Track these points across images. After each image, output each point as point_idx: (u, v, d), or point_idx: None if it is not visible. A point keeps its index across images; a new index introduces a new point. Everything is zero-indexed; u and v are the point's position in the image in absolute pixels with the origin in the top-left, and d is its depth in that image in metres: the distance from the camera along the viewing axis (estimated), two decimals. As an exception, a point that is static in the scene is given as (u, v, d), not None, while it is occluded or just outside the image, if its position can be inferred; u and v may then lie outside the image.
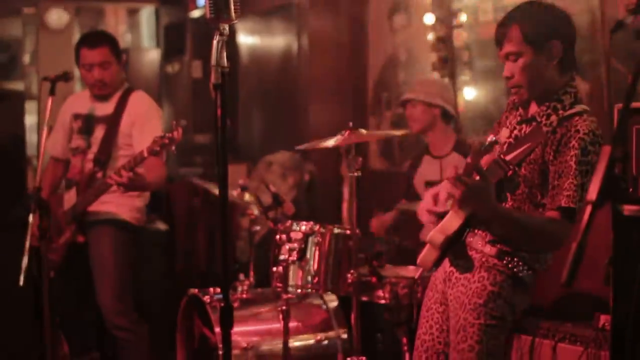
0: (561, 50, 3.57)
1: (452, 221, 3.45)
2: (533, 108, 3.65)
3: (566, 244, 3.33)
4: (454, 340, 3.63)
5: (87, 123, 5.68)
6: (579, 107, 3.57)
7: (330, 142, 4.78)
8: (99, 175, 5.48)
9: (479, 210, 3.38)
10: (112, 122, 5.59)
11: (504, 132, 3.69)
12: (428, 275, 4.04)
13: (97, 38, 5.73)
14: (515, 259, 3.57)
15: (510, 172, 3.47)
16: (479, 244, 3.62)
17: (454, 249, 3.48)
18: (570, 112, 3.54)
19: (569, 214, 3.40)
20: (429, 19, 6.84)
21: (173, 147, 4.93)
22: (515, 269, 3.59)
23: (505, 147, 3.61)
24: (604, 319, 3.70)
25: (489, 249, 3.60)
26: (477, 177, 3.34)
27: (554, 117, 3.54)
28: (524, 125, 3.65)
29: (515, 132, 3.66)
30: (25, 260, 4.98)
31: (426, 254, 3.52)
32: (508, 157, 3.47)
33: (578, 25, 5.50)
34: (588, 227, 2.20)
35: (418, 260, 3.57)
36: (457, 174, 3.32)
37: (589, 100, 5.50)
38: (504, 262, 3.58)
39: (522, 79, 3.57)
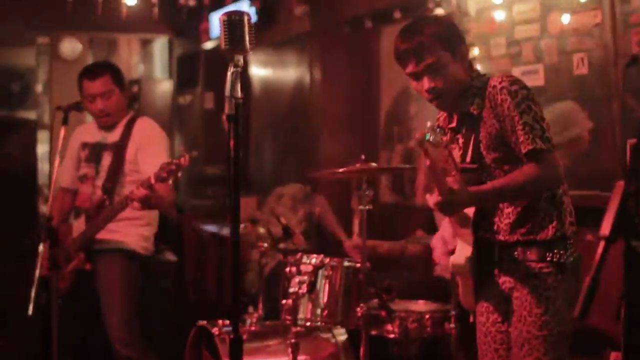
0: (465, 48, 3.65)
1: (463, 243, 3.51)
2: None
3: (561, 173, 3.44)
4: (518, 354, 3.58)
5: (94, 151, 5.69)
6: (485, 76, 3.63)
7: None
8: (107, 202, 5.48)
9: (464, 208, 3.51)
10: (119, 149, 5.60)
11: (457, 152, 3.70)
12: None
13: (97, 69, 5.73)
14: (555, 251, 3.53)
15: (476, 165, 3.56)
16: (519, 256, 3.59)
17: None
18: (481, 82, 3.58)
19: (535, 156, 3.40)
20: (442, 52, 6.84)
21: (180, 174, 4.93)
22: (560, 259, 3.54)
23: (460, 156, 3.64)
24: (614, 356, 3.68)
25: (529, 255, 3.56)
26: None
27: (476, 99, 3.56)
28: (462, 127, 3.66)
29: (461, 140, 3.67)
30: (34, 290, 4.98)
31: (463, 294, 3.61)
32: (468, 160, 3.58)
33: (591, 61, 5.54)
34: (601, 262, 2.20)
35: (463, 304, 3.69)
36: (433, 205, 3.42)
37: (598, 135, 5.51)
38: (547, 260, 3.53)
39: (446, 85, 3.59)
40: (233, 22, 3.08)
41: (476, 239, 3.60)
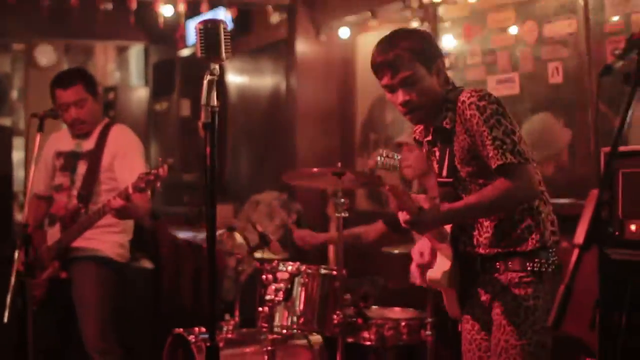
0: (442, 63, 3.64)
1: (442, 257, 3.54)
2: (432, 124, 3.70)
3: (535, 185, 3.42)
4: None
5: (69, 160, 5.66)
6: (459, 89, 3.62)
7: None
8: (82, 211, 5.46)
9: (434, 227, 3.55)
10: (94, 157, 5.57)
11: (434, 165, 3.72)
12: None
13: (69, 77, 5.66)
14: (536, 260, 3.54)
15: (452, 179, 3.57)
16: (501, 267, 3.60)
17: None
18: (455, 96, 3.57)
19: (504, 170, 3.40)
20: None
21: (158, 184, 4.92)
22: (541, 269, 3.55)
23: (437, 170, 3.66)
24: (589, 363, 3.69)
25: (510, 265, 3.57)
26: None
27: (450, 114, 3.57)
28: (437, 141, 3.68)
29: (437, 154, 3.69)
30: (9, 297, 4.95)
31: (448, 304, 3.64)
32: (444, 174, 3.59)
33: (566, 70, 5.58)
34: (575, 270, 2.21)
35: (449, 314, 3.70)
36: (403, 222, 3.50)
37: (573, 144, 5.54)
38: (528, 269, 3.54)
39: (421, 99, 3.58)
40: (209, 31, 3.08)
41: (457, 252, 3.62)
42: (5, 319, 4.95)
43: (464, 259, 3.63)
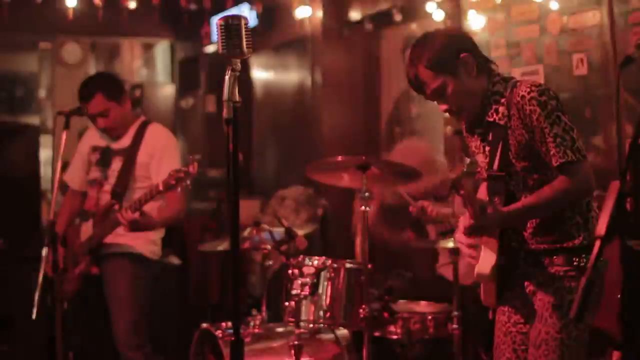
0: (472, 58, 3.59)
1: (488, 251, 3.52)
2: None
3: (591, 183, 3.41)
4: (534, 354, 3.58)
5: (104, 155, 5.69)
6: (510, 82, 3.60)
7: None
8: (116, 207, 5.47)
9: (495, 230, 3.51)
10: (129, 154, 5.58)
11: (480, 157, 3.70)
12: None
13: (87, 90, 5.58)
14: (582, 255, 3.52)
15: (504, 173, 3.54)
16: (546, 262, 3.59)
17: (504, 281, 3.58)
18: (504, 88, 3.57)
19: (566, 169, 3.39)
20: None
21: (188, 182, 4.94)
22: (587, 264, 3.52)
23: (487, 164, 3.64)
24: (617, 355, 3.67)
25: (555, 260, 3.56)
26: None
27: (501, 108, 3.55)
28: (489, 136, 3.66)
29: (487, 148, 3.67)
30: (37, 294, 4.99)
31: (485, 293, 3.62)
32: (495, 168, 3.55)
33: (591, 61, 5.56)
34: (597, 262, 2.20)
35: (483, 302, 3.66)
36: (464, 228, 3.51)
37: (600, 133, 5.52)
38: (574, 264, 3.53)
39: (458, 103, 3.59)
40: (229, 27, 3.09)
41: (502, 247, 3.60)
42: (34, 316, 4.98)
43: (509, 253, 3.62)
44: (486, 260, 3.58)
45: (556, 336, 3.49)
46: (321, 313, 4.94)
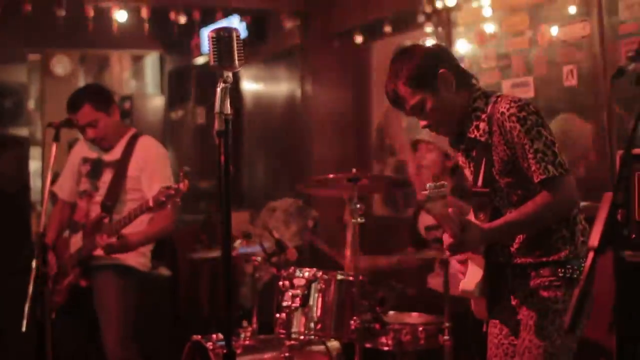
0: (451, 73, 3.59)
1: (474, 267, 3.53)
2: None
3: (574, 197, 3.43)
4: None
5: (95, 167, 5.68)
6: (491, 98, 3.59)
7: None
8: (106, 220, 5.47)
9: (477, 247, 3.51)
10: (120, 167, 5.58)
11: (467, 172, 3.72)
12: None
13: (75, 101, 5.60)
14: (568, 266, 3.53)
15: (488, 189, 3.54)
16: (532, 274, 3.60)
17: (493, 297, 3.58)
18: (485, 103, 3.57)
19: (548, 184, 3.40)
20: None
21: (178, 199, 4.94)
22: (572, 275, 3.53)
23: (472, 180, 3.64)
24: (609, 368, 3.67)
25: (541, 272, 3.57)
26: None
27: (482, 124, 3.55)
28: (473, 152, 3.66)
29: (472, 164, 3.67)
30: (27, 306, 4.98)
31: (476, 307, 3.65)
32: (480, 184, 3.56)
33: (581, 72, 5.57)
34: (590, 274, 2.20)
35: (475, 315, 3.68)
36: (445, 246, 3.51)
37: (592, 144, 5.53)
38: (559, 275, 3.53)
39: (437, 119, 3.60)
40: (221, 39, 3.09)
41: (488, 263, 3.60)
42: (24, 328, 4.97)
43: (495, 269, 3.62)
44: (472, 276, 3.59)
45: (539, 344, 3.50)
46: (312, 325, 4.94)
